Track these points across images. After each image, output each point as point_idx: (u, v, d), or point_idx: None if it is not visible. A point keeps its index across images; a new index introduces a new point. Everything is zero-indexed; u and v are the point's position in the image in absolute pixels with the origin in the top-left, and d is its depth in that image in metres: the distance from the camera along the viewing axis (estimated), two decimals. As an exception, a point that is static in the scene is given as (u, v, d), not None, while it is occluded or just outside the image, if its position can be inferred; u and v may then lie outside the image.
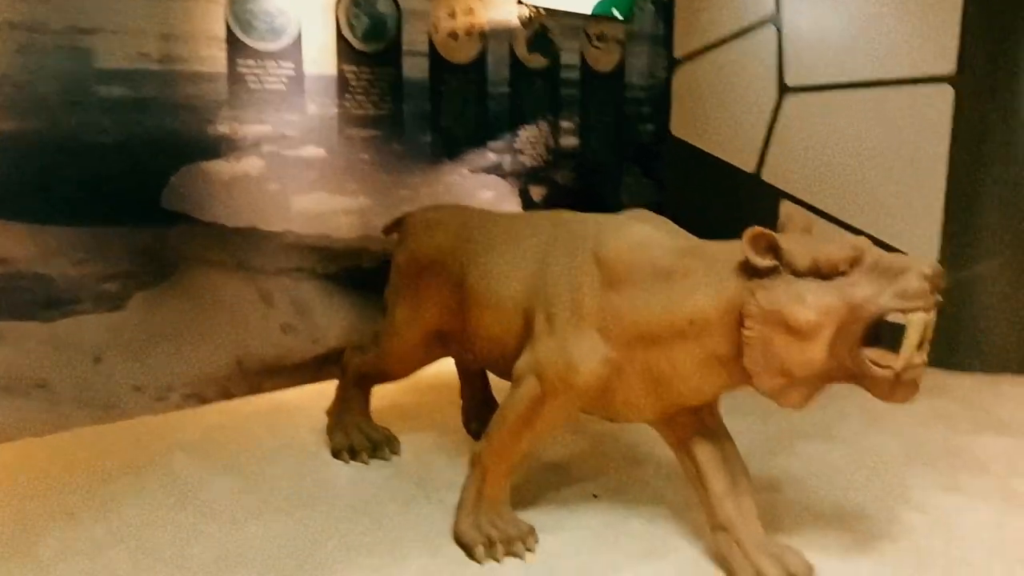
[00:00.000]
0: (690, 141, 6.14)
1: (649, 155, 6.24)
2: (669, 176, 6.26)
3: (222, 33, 4.26)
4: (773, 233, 2.59)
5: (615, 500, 3.45)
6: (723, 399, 3.00)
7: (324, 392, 4.60)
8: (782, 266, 2.58)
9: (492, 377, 3.95)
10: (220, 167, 4.36)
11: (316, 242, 4.78)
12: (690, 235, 2.93)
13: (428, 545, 3.10)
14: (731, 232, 2.96)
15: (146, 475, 3.63)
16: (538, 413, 2.98)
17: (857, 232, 5.27)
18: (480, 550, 2.99)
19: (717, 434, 3.03)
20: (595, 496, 3.49)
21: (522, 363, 3.00)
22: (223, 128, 4.33)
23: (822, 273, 2.55)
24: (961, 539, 3.13)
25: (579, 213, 3.17)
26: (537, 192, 5.67)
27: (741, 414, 3.14)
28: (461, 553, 3.04)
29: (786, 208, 2.84)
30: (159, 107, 4.13)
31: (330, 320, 4.88)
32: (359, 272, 4.94)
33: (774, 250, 2.57)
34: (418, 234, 3.61)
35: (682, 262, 2.75)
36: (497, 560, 2.99)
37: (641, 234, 2.86)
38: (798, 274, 2.56)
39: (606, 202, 6.00)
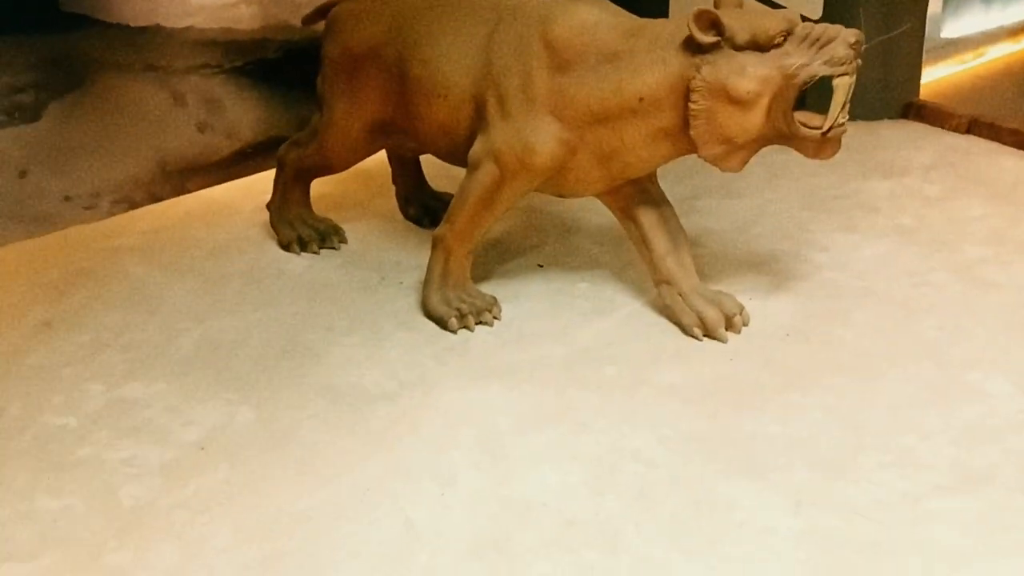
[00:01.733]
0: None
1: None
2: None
3: None
4: (715, 11, 2.80)
5: (558, 267, 3.78)
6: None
7: (248, 187, 4.67)
8: (723, 41, 2.80)
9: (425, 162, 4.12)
10: (114, -38, 4.14)
11: (219, 36, 4.65)
12: (631, 15, 3.09)
13: (401, 322, 3.38)
14: None
15: (105, 282, 3.72)
16: (497, 195, 3.20)
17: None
18: (453, 321, 3.29)
19: (657, 200, 3.35)
20: (540, 266, 3.81)
21: (478, 149, 3.19)
22: (112, -81, 4.08)
23: (759, 46, 2.80)
24: (863, 271, 3.63)
25: (520, -2, 3.26)
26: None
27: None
28: (434, 326, 3.34)
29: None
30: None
31: (242, 114, 4.84)
32: (265, 63, 4.85)
33: (716, 27, 2.79)
34: (349, 25, 3.61)
35: (628, 43, 2.94)
36: (470, 329, 3.30)
37: (587, 16, 3.01)
38: (738, 48, 2.80)
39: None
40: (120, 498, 2.53)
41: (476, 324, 3.32)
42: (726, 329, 3.23)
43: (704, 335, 3.23)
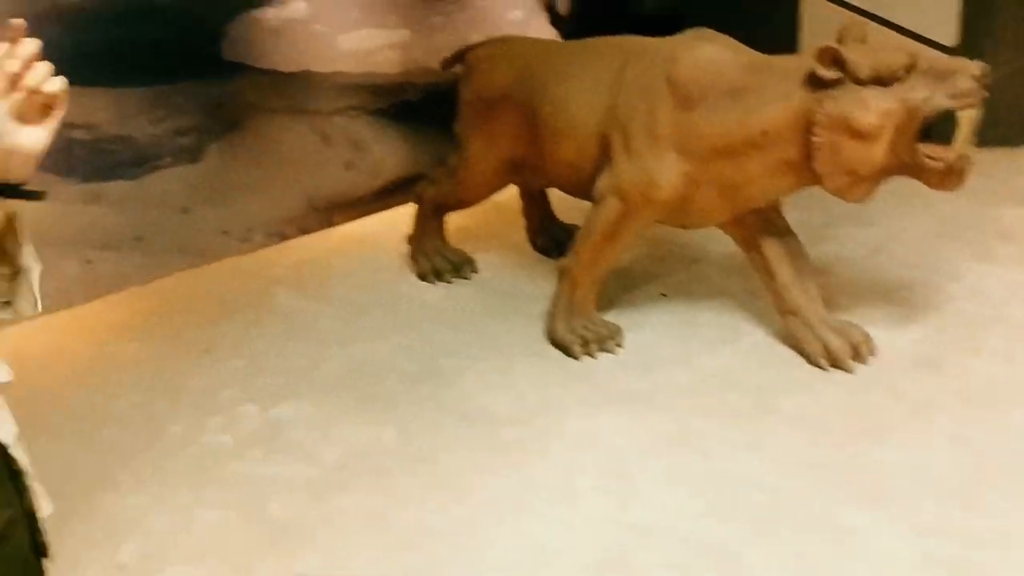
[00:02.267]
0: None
1: (667, -42, 6.29)
2: (686, -23, 6.34)
3: None
4: (837, 47, 2.85)
5: (682, 297, 3.86)
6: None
7: (389, 220, 4.94)
8: (846, 76, 2.86)
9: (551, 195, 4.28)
10: (268, 14, 4.49)
11: (364, 80, 4.97)
12: (753, 51, 3.17)
13: (529, 349, 3.54)
14: (749, 28, 3.21)
15: (257, 310, 4.02)
16: (621, 227, 3.33)
17: (874, 18, 5.43)
18: (577, 348, 3.42)
19: (781, 230, 3.40)
20: (664, 295, 3.90)
21: (603, 184, 3.32)
22: (268, -25, 4.45)
23: (882, 80, 2.83)
24: (995, 301, 3.58)
25: (645, 38, 3.40)
26: (563, 5, 5.78)
27: (785, 208, 3.51)
28: (561, 355, 3.47)
29: (844, 22, 3.06)
30: (207, -38, 4.24)
31: (385, 153, 5.13)
32: (406, 105, 5.14)
33: (838, 62, 2.84)
34: (484, 69, 3.83)
35: (751, 78, 3.02)
36: (593, 356, 3.43)
37: (710, 54, 3.11)
38: (860, 83, 2.85)
39: (628, 6, 6.12)
40: (270, 512, 2.76)
41: (599, 351, 3.44)
42: (852, 359, 3.24)
43: (830, 365, 3.25)
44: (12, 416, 1.40)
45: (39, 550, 1.47)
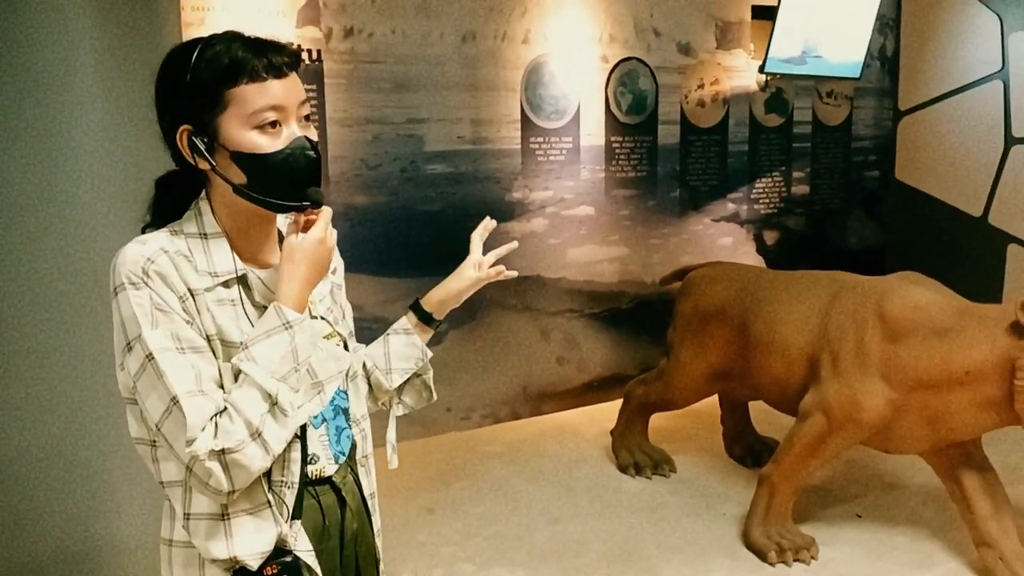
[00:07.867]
0: (914, 186, 6.56)
1: (874, 199, 6.72)
2: (893, 219, 6.71)
3: (518, 116, 5.10)
4: (1040, 301, 3.13)
5: (878, 519, 4.01)
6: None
7: (590, 414, 5.37)
8: (1048, 327, 3.11)
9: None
10: (514, 227, 5.19)
11: (584, 287, 5.55)
12: (958, 296, 3.48)
13: (724, 549, 3.77)
14: (957, 270, 3.48)
15: (476, 480, 4.46)
16: (823, 443, 3.58)
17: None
18: (773, 555, 3.62)
19: (980, 464, 3.56)
20: (859, 516, 4.06)
21: (809, 400, 3.62)
22: (517, 194, 5.16)
23: (1082, 332, 3.07)
24: None
25: (856, 275, 3.77)
26: (770, 237, 6.26)
27: (986, 446, 3.65)
28: (754, 558, 3.68)
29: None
30: (470, 179, 5.00)
31: (594, 352, 5.63)
32: (617, 311, 5.68)
33: (1041, 314, 3.11)
34: (702, 288, 4.29)
35: (958, 321, 3.31)
36: (787, 564, 3.61)
37: (920, 296, 3.43)
38: (1062, 333, 3.09)
39: (833, 244, 6.52)
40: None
41: (794, 560, 3.62)
42: (1049, 600, 3.29)
43: (1025, 602, 3.31)
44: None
45: None
